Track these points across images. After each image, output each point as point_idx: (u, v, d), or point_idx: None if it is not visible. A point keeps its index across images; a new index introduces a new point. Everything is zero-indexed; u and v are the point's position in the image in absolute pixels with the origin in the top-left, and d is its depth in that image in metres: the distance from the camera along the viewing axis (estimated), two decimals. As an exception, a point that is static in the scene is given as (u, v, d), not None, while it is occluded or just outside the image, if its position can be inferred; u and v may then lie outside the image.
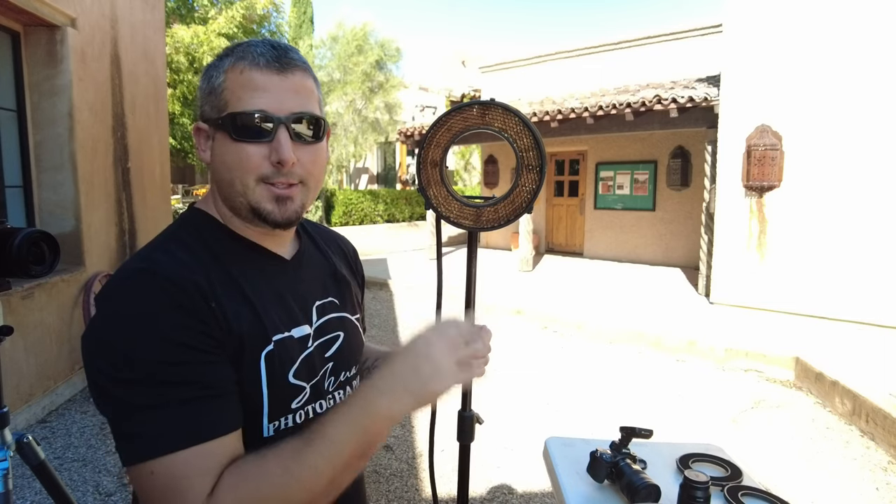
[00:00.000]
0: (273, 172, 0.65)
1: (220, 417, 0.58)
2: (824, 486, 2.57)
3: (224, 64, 0.65)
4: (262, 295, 0.68)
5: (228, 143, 0.64)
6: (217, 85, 0.65)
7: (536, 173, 0.76)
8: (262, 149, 0.64)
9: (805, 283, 5.24)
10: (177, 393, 0.55)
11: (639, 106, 6.36)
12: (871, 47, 4.80)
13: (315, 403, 0.73)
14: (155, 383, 0.55)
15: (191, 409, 0.56)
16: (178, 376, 0.56)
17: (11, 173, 3.30)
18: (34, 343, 3.11)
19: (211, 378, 0.58)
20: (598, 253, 9.31)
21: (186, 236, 0.67)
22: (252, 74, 0.64)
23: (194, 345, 0.58)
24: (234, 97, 0.64)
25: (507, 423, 3.23)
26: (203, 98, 0.67)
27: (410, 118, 15.81)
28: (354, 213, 11.64)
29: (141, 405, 0.55)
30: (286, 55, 0.65)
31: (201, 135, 0.69)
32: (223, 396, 0.59)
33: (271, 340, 0.66)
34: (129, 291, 0.59)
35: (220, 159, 0.66)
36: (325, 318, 0.77)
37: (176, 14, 12.16)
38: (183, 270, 0.61)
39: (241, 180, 0.65)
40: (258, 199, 0.66)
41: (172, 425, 0.55)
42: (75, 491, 2.42)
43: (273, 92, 0.64)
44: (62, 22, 3.40)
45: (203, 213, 0.71)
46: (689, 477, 0.88)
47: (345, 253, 0.90)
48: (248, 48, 0.65)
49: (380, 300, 6.81)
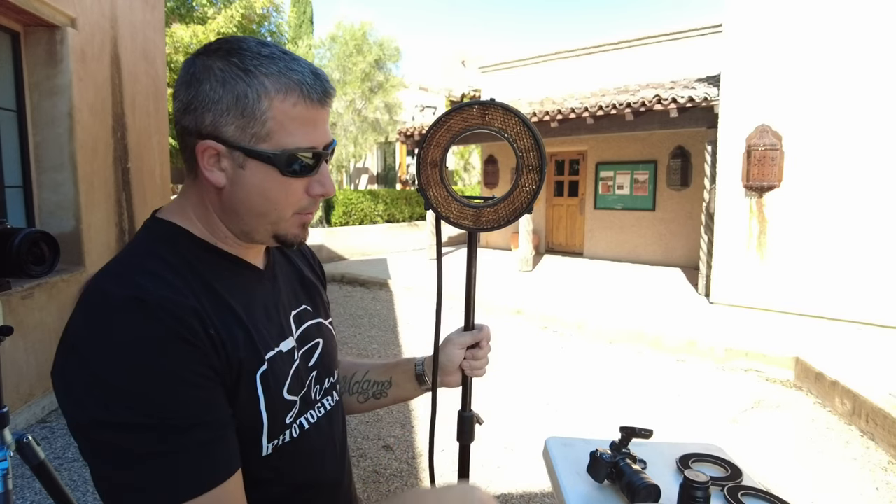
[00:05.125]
0: (311, 203, 0.65)
1: (231, 455, 0.56)
2: (824, 486, 2.57)
3: (266, 87, 0.58)
4: (250, 310, 0.66)
5: (274, 176, 0.60)
6: (258, 111, 0.58)
7: (536, 173, 0.76)
8: (304, 182, 0.63)
9: (805, 283, 5.24)
10: (187, 437, 0.51)
11: (639, 106, 6.36)
12: (871, 47, 4.80)
13: (306, 414, 0.72)
14: (161, 427, 0.50)
15: (203, 451, 0.53)
16: (187, 418, 0.52)
17: (11, 173, 3.30)
18: (34, 343, 3.11)
19: (217, 415, 0.56)
20: (598, 253, 9.31)
21: (166, 253, 0.61)
22: (306, 110, 0.60)
23: (197, 381, 0.54)
24: (282, 130, 0.59)
25: (507, 423, 3.23)
26: (223, 114, 0.58)
27: (410, 118, 15.80)
28: (354, 213, 11.63)
29: (146, 453, 0.50)
30: (329, 86, 0.63)
31: (209, 153, 0.60)
32: (228, 432, 0.57)
33: (265, 360, 0.64)
34: (120, 322, 0.52)
35: (255, 190, 0.61)
36: (303, 327, 0.76)
37: (175, 14, 12.15)
38: (175, 296, 0.56)
39: (280, 213, 0.63)
40: (287, 229, 0.65)
41: (185, 473, 0.51)
42: (75, 491, 2.42)
43: (320, 126, 0.63)
44: (62, 22, 3.40)
45: (176, 227, 0.65)
46: (689, 477, 0.88)
47: (305, 256, 0.88)
48: (291, 73, 0.59)
49: (380, 300, 6.80)
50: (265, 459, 0.64)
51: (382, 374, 0.95)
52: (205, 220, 0.66)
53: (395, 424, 3.20)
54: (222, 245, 0.67)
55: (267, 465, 0.65)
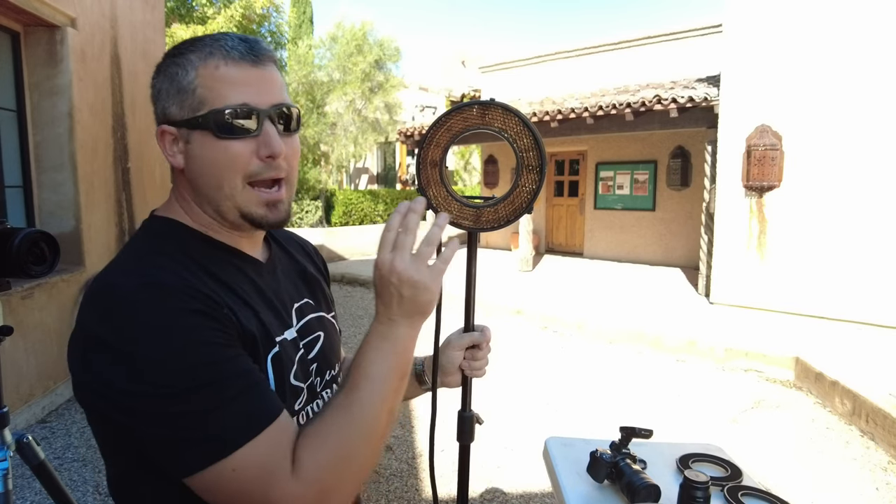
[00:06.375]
0: (262, 168, 0.63)
1: (273, 397, 0.59)
2: (824, 486, 2.57)
3: (191, 60, 0.62)
4: (255, 299, 0.67)
5: (211, 142, 0.61)
6: (187, 83, 0.62)
7: (536, 173, 0.76)
8: (249, 144, 0.62)
9: (805, 283, 5.23)
10: (229, 389, 0.54)
11: (639, 106, 6.36)
12: (870, 47, 4.80)
13: (312, 404, 0.73)
14: (203, 386, 0.53)
15: (247, 398, 0.55)
16: (224, 373, 0.55)
17: (11, 173, 3.30)
18: (34, 343, 3.11)
19: (249, 367, 0.58)
20: (598, 253, 9.31)
21: (164, 246, 0.63)
22: (228, 69, 0.61)
23: (224, 342, 0.57)
24: (210, 94, 0.61)
25: (507, 423, 3.23)
26: (166, 98, 0.63)
27: (410, 118, 15.79)
28: (354, 213, 11.63)
29: (196, 411, 0.53)
30: (258, 46, 0.64)
31: (167, 138, 0.64)
32: (264, 382, 0.60)
33: (276, 342, 0.66)
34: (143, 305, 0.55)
35: (202, 161, 0.63)
36: (305, 320, 0.77)
37: (175, 14, 12.15)
38: (186, 280, 0.58)
39: (229, 182, 0.63)
40: (247, 204, 0.64)
41: (238, 418, 0.54)
42: (75, 491, 2.42)
43: (253, 85, 0.62)
44: (62, 22, 3.40)
45: (172, 221, 0.67)
46: (689, 477, 0.88)
47: (307, 252, 0.90)
48: (214, 42, 0.62)
49: (380, 300, 6.80)
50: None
51: None
52: (189, 209, 0.68)
53: (395, 424, 3.21)
54: (213, 234, 0.68)
55: None
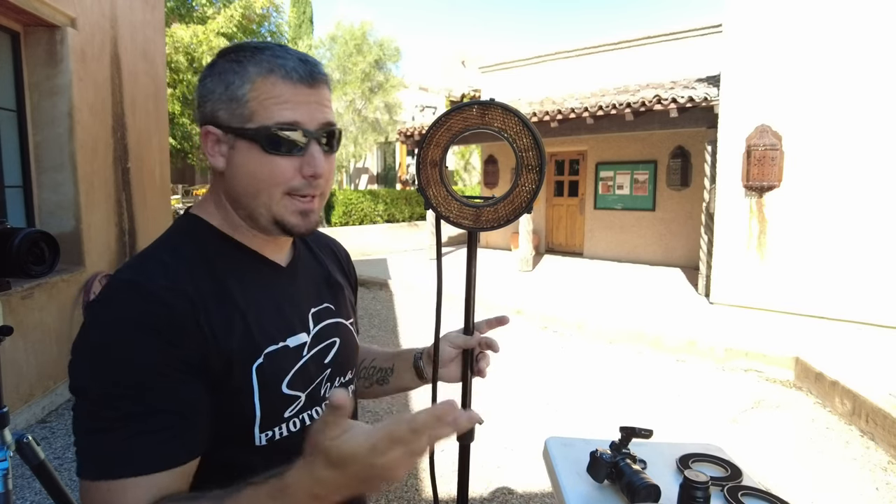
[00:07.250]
0: (303, 185, 0.66)
1: (164, 451, 0.57)
2: (824, 486, 2.57)
3: (248, 71, 0.63)
4: (257, 304, 0.68)
5: (258, 154, 0.64)
6: (242, 94, 0.63)
7: (536, 173, 0.76)
8: (294, 162, 0.65)
9: (805, 283, 5.24)
10: (129, 423, 0.55)
11: (639, 106, 6.36)
12: (870, 48, 4.80)
13: (311, 410, 0.73)
14: (111, 408, 0.56)
15: (137, 440, 0.56)
16: (136, 405, 0.56)
17: (11, 173, 3.30)
18: (34, 343, 3.11)
19: (173, 406, 0.57)
20: (598, 253, 9.31)
21: (181, 244, 0.67)
22: (285, 88, 0.63)
23: (163, 370, 0.57)
24: (263, 109, 0.63)
25: (507, 423, 3.23)
26: (217, 102, 0.65)
27: (410, 118, 15.80)
28: (354, 213, 11.64)
29: (92, 428, 0.56)
30: (317, 70, 0.66)
31: (210, 138, 0.66)
32: (177, 427, 0.57)
33: (262, 353, 0.66)
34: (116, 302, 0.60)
35: (245, 169, 0.65)
36: (321, 325, 0.77)
37: (175, 14, 12.15)
38: (172, 282, 0.61)
39: (269, 192, 0.65)
40: (282, 212, 0.66)
41: (112, 453, 0.55)
42: (75, 491, 2.41)
43: (305, 105, 0.65)
44: (62, 22, 3.40)
45: (200, 220, 0.70)
46: (689, 477, 0.88)
47: (337, 257, 0.91)
48: (275, 59, 0.64)
49: (380, 300, 6.81)
50: (257, 449, 0.66)
51: (387, 361, 0.98)
52: (222, 210, 0.70)
53: None
54: (239, 237, 0.70)
55: (259, 454, 0.66)
